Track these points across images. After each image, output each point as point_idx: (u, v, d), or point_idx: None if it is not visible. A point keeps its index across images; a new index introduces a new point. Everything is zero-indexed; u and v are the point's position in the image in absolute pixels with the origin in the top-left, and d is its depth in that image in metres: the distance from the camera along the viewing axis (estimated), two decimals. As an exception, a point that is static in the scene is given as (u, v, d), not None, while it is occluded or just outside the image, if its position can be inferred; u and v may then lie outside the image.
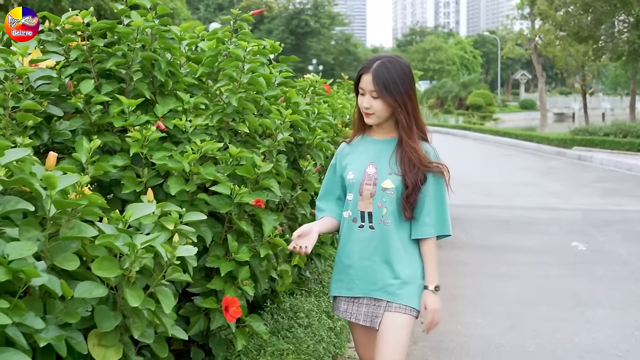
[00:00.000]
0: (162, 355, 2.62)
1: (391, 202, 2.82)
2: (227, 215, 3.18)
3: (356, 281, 2.88)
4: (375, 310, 2.86)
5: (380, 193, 2.82)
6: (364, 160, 2.90)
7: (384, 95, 2.75)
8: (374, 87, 2.76)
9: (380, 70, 2.76)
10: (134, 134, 3.03)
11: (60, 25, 3.54)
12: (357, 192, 2.87)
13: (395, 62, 2.81)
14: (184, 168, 3.03)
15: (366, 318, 2.88)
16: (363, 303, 2.89)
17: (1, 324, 1.91)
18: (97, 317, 2.34)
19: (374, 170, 2.86)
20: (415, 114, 2.83)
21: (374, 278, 2.84)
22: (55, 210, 2.30)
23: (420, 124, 2.89)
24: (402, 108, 2.79)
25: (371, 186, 2.84)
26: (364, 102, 2.81)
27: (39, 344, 2.10)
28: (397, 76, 2.77)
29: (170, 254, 2.45)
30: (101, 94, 3.27)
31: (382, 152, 2.89)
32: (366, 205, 2.85)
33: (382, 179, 2.83)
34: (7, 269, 1.98)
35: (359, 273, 2.87)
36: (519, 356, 4.84)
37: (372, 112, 2.82)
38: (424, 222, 2.84)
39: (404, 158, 2.82)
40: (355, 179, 2.87)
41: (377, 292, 2.84)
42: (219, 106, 3.43)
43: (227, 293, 3.02)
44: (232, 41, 3.60)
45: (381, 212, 2.82)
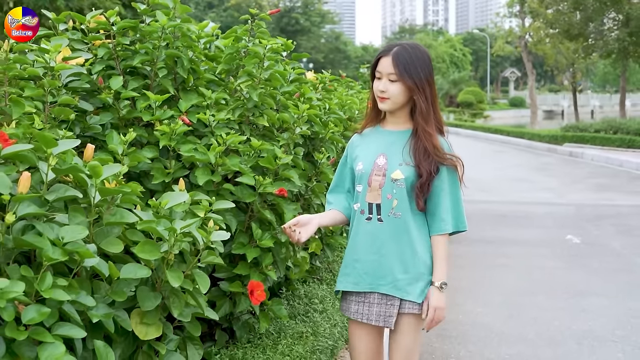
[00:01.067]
0: (195, 334, 2.79)
1: (401, 194, 2.70)
2: (251, 204, 3.34)
3: (363, 275, 2.76)
4: (388, 310, 2.73)
5: (390, 184, 2.70)
6: (374, 151, 2.79)
7: (404, 78, 2.64)
8: (393, 69, 2.65)
9: (400, 52, 2.67)
10: (163, 127, 3.20)
11: (85, 24, 3.69)
12: (365, 183, 2.76)
13: (416, 48, 2.72)
14: (210, 160, 3.20)
15: (378, 318, 2.74)
16: (374, 302, 2.75)
17: (60, 299, 2.08)
18: (140, 297, 2.50)
19: (384, 161, 2.74)
20: (433, 102, 2.73)
21: (382, 272, 2.72)
22: (99, 198, 2.46)
23: (438, 114, 2.79)
24: (421, 92, 2.68)
25: (380, 177, 2.73)
26: (380, 86, 2.70)
27: (92, 320, 2.27)
28: (417, 61, 2.67)
29: (205, 238, 2.62)
30: (127, 89, 3.43)
31: (394, 143, 2.78)
32: (374, 196, 2.73)
33: (392, 170, 2.71)
34: (63, 250, 2.14)
35: (366, 267, 2.75)
36: (519, 342, 5.03)
37: (388, 97, 2.69)
38: (441, 217, 2.73)
39: (419, 146, 2.70)
40: (365, 170, 2.77)
41: (386, 287, 2.72)
42: (240, 101, 3.59)
43: (252, 278, 3.19)
44: (250, 39, 3.76)
45: (391, 204, 2.71)
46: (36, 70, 2.92)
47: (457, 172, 2.77)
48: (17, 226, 2.16)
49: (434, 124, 2.75)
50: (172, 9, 3.67)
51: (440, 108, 2.91)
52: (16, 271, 2.11)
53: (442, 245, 2.76)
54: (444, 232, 2.75)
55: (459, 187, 2.80)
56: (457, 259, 7.52)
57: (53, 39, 3.31)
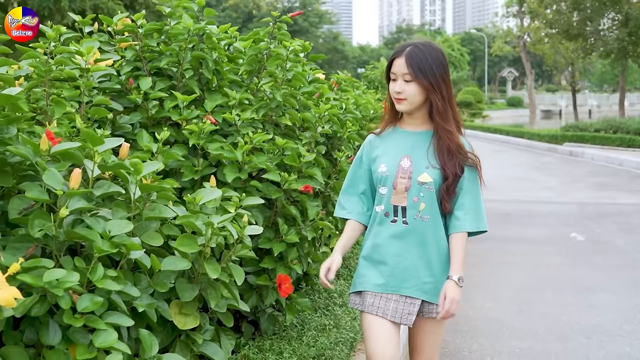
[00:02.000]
0: (228, 324, 2.91)
1: (430, 197, 2.69)
2: (276, 200, 3.45)
3: (387, 278, 2.73)
4: (408, 308, 2.72)
5: (417, 187, 2.68)
6: (397, 153, 2.75)
7: (418, 77, 2.62)
8: (407, 69, 2.63)
9: (413, 52, 2.65)
10: (192, 126, 3.31)
11: (112, 27, 3.80)
12: (390, 186, 2.72)
13: (429, 47, 2.70)
14: (237, 158, 3.31)
15: (395, 314, 2.71)
16: (392, 299, 2.72)
17: (110, 289, 2.20)
18: (179, 289, 2.62)
19: (409, 163, 2.71)
20: (450, 100, 2.72)
21: (407, 275, 2.71)
22: (139, 194, 2.58)
23: (456, 112, 2.77)
24: (436, 91, 2.65)
25: (406, 180, 2.70)
26: (396, 87, 2.68)
27: (138, 309, 2.38)
28: (431, 59, 2.65)
29: (239, 233, 2.73)
30: (155, 90, 3.54)
31: (418, 145, 2.75)
32: (400, 199, 2.71)
33: (419, 173, 2.69)
34: (111, 242, 2.26)
35: (391, 270, 2.73)
36: (529, 337, 5.15)
37: (404, 98, 2.67)
38: (461, 216, 2.72)
39: (442, 147, 2.69)
40: (389, 172, 2.73)
41: (410, 290, 2.71)
42: (263, 101, 3.71)
43: (278, 271, 3.30)
44: (272, 41, 3.87)
45: (418, 207, 2.69)
46: (73, 72, 3.03)
47: (477, 171, 2.78)
48: (67, 220, 2.26)
49: (453, 123, 2.73)
50: (196, 12, 3.77)
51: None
52: (69, 262, 2.23)
53: (460, 243, 2.73)
54: (462, 231, 2.72)
55: (480, 187, 2.80)
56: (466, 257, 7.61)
57: (84, 41, 3.41)
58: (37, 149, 2.31)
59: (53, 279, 2.01)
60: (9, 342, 2.08)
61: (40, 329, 2.12)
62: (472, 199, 2.75)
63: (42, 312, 2.06)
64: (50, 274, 2.01)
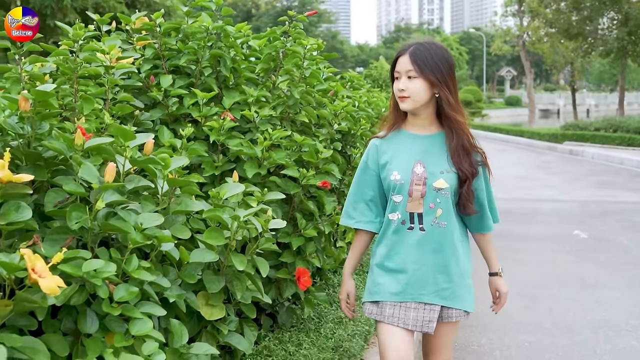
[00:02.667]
0: (251, 316, 2.97)
1: (446, 203, 2.66)
2: (294, 196, 3.53)
3: (405, 286, 2.69)
4: (428, 315, 2.69)
5: (433, 194, 2.64)
6: (408, 159, 2.69)
7: (424, 73, 2.59)
8: (411, 66, 2.60)
9: (417, 49, 2.62)
10: (212, 123, 3.38)
11: (130, 25, 3.87)
12: (406, 194, 2.66)
13: (433, 45, 2.67)
14: (257, 154, 3.38)
15: (416, 323, 2.69)
16: (411, 307, 2.69)
17: (145, 280, 2.27)
18: (206, 280, 2.69)
19: (422, 169, 2.66)
20: (457, 98, 2.69)
21: (425, 282, 2.68)
22: (167, 188, 2.65)
23: (462, 108, 2.73)
24: (443, 86, 2.62)
25: (421, 186, 2.64)
26: (400, 85, 2.63)
27: (169, 299, 2.45)
28: (436, 56, 2.62)
29: (263, 226, 2.80)
30: (174, 87, 3.61)
31: (429, 149, 2.70)
32: (415, 206, 2.66)
33: (434, 179, 2.64)
34: (144, 234, 2.33)
35: (408, 278, 2.69)
36: (537, 331, 5.22)
37: (408, 95, 2.62)
38: (486, 216, 2.78)
39: (457, 145, 2.67)
40: (403, 180, 2.66)
41: (429, 297, 2.68)
42: (280, 99, 3.78)
43: (297, 265, 3.37)
44: (288, 40, 3.93)
45: (435, 214, 2.65)
46: (98, 69, 3.10)
47: (486, 166, 2.78)
48: (100, 213, 2.33)
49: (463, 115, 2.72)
50: (214, 11, 3.84)
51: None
52: (104, 253, 2.30)
53: (490, 242, 2.92)
54: (490, 231, 2.86)
55: (490, 185, 2.83)
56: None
57: (106, 40, 3.48)
58: (71, 144, 2.38)
59: (91, 269, 2.08)
60: (49, 330, 2.15)
61: (79, 318, 2.19)
62: (488, 196, 2.81)
63: (80, 301, 2.12)
64: (88, 265, 2.08)
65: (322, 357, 3.34)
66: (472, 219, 2.80)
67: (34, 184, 2.44)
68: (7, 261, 1.83)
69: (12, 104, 2.47)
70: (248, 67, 4.05)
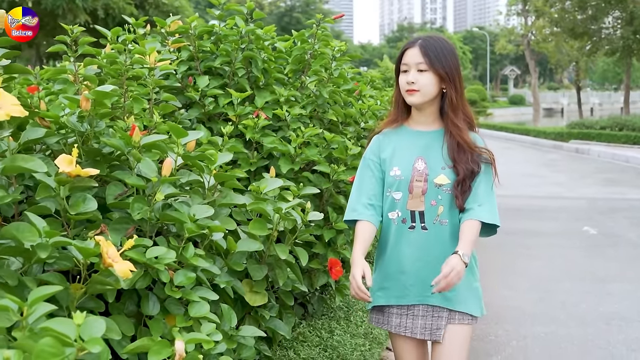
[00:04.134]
0: (289, 303, 3.16)
1: (447, 199, 2.57)
2: (325, 190, 3.71)
3: (410, 288, 2.61)
4: (435, 322, 2.61)
5: (434, 190, 2.56)
6: (410, 155, 2.63)
7: (435, 66, 2.52)
8: (422, 58, 2.53)
9: (428, 42, 2.56)
10: (247, 122, 3.56)
11: (165, 28, 4.05)
12: (406, 190, 2.59)
13: (441, 39, 2.61)
14: (290, 151, 3.56)
15: (424, 331, 2.61)
16: (419, 314, 2.62)
17: (201, 267, 2.45)
18: (250, 269, 2.87)
19: (424, 165, 2.59)
20: (462, 96, 2.63)
21: (430, 284, 2.47)
22: (213, 182, 2.83)
23: (467, 108, 2.66)
24: (451, 83, 2.56)
25: (422, 183, 2.57)
26: (409, 77, 2.55)
27: (220, 286, 2.63)
28: (446, 50, 2.56)
29: (303, 218, 2.98)
30: (210, 88, 3.79)
31: (431, 145, 2.63)
32: (417, 204, 2.58)
33: (435, 175, 2.57)
34: (197, 225, 2.50)
35: (413, 279, 2.60)
36: (551, 323, 5.40)
37: (417, 89, 2.54)
38: (475, 206, 2.55)
39: (453, 144, 2.58)
40: (404, 176, 2.60)
41: (435, 299, 2.59)
42: (310, 98, 3.96)
43: (329, 256, 3.55)
44: (315, 42, 4.11)
45: (436, 211, 2.57)
46: (143, 71, 3.28)
47: (492, 167, 2.64)
48: (157, 204, 2.51)
49: (463, 118, 2.61)
50: (246, 15, 4.02)
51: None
52: (163, 242, 2.48)
53: (472, 228, 2.53)
54: (477, 219, 2.53)
55: (493, 182, 2.65)
56: (482, 249, 7.87)
57: (146, 42, 3.66)
58: (128, 140, 2.56)
59: (153, 255, 2.26)
60: (114, 312, 2.33)
61: (142, 301, 2.37)
62: (486, 192, 2.59)
63: (145, 285, 2.30)
64: (151, 252, 2.26)
65: (354, 342, 3.52)
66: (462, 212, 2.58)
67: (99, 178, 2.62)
68: (84, 247, 2.00)
69: (71, 104, 2.65)
70: (276, 67, 4.23)
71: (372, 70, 22.15)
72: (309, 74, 4.01)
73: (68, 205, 2.24)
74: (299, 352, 3.28)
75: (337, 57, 4.00)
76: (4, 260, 2.05)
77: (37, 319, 1.64)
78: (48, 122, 2.60)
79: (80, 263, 2.08)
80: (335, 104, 4.06)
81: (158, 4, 21.68)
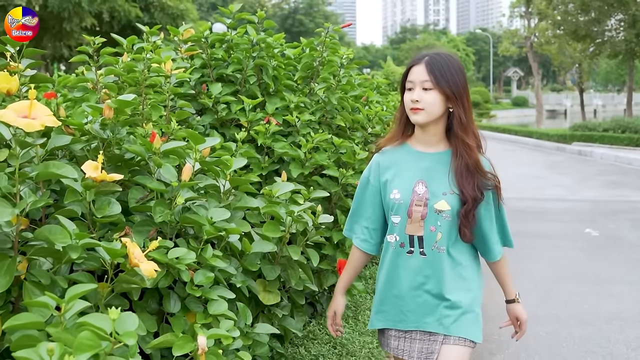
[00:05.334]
0: (300, 302, 3.29)
1: (447, 226, 2.49)
2: (333, 194, 3.84)
3: (407, 313, 2.57)
4: (430, 346, 2.55)
5: (434, 216, 2.48)
6: (410, 177, 2.54)
7: (440, 84, 2.43)
8: (427, 76, 2.44)
9: (434, 59, 2.48)
10: (259, 127, 3.70)
11: (178, 37, 4.19)
12: (405, 214, 2.52)
13: (448, 56, 2.53)
14: (300, 156, 3.69)
15: (420, 355, 2.56)
16: (416, 338, 2.57)
17: (219, 267, 2.58)
18: (264, 269, 3.00)
19: (424, 189, 2.51)
20: (470, 115, 2.54)
21: (428, 310, 2.53)
22: (229, 186, 2.97)
23: (475, 129, 2.57)
24: (458, 101, 2.47)
25: (421, 207, 2.49)
26: (414, 95, 2.46)
27: (236, 285, 2.76)
28: (452, 68, 2.48)
29: (314, 220, 3.11)
30: (222, 95, 3.93)
31: (433, 168, 2.54)
32: (415, 228, 2.51)
33: (435, 200, 2.49)
34: (214, 227, 2.63)
35: (410, 305, 2.55)
36: (553, 322, 5.52)
37: (422, 107, 2.45)
38: (493, 246, 2.63)
39: (461, 166, 2.50)
40: (403, 200, 2.52)
41: (432, 325, 2.53)
42: (319, 104, 4.09)
43: (337, 257, 3.68)
44: (324, 49, 4.25)
45: (435, 238, 2.49)
46: (159, 79, 3.41)
47: (497, 192, 2.58)
48: (177, 208, 2.65)
49: (473, 138, 2.53)
50: (257, 23, 4.16)
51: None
52: (183, 243, 2.61)
53: (503, 268, 2.74)
54: (499, 259, 2.67)
55: (503, 208, 2.63)
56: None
57: (162, 51, 3.79)
58: (149, 147, 2.70)
59: (175, 256, 2.39)
60: (138, 310, 2.46)
61: (164, 300, 2.50)
62: (497, 221, 2.62)
63: (167, 283, 2.44)
64: (173, 253, 2.39)
65: (362, 340, 3.66)
66: (478, 246, 2.64)
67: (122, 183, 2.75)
68: (112, 248, 2.13)
69: (94, 112, 2.78)
70: (285, 74, 4.36)
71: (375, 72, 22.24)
72: (317, 80, 4.14)
73: (94, 209, 2.37)
74: (309, 349, 3.41)
75: (345, 65, 4.12)
76: (36, 260, 2.19)
77: (72, 315, 1.78)
78: (72, 129, 2.74)
79: (107, 263, 2.21)
80: (343, 109, 4.19)
81: (163, 7, 21.79)
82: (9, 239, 2.13)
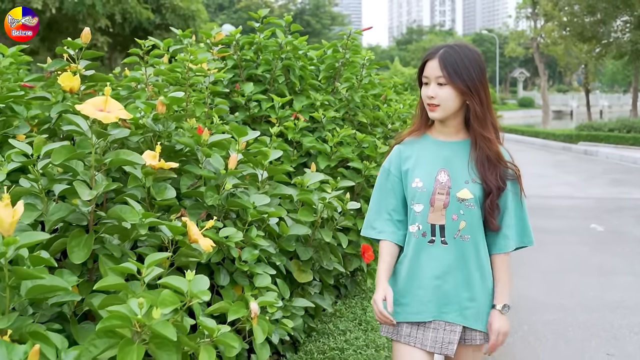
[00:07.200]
0: (329, 281, 3.60)
1: (470, 215, 2.46)
2: (358, 184, 4.15)
3: (427, 304, 2.49)
4: (448, 336, 2.48)
5: (456, 204, 2.45)
6: (433, 166, 2.51)
7: (453, 80, 2.40)
8: (440, 72, 2.41)
9: (448, 53, 2.43)
10: (288, 123, 4.01)
11: (210, 39, 4.50)
12: (427, 203, 2.48)
13: (464, 48, 2.47)
14: (327, 150, 4.01)
15: (434, 344, 2.48)
16: (430, 327, 2.50)
17: (262, 245, 2.89)
18: (299, 250, 3.32)
19: (447, 177, 2.48)
20: (489, 107, 2.47)
21: (447, 299, 2.47)
22: (267, 175, 3.28)
23: (495, 119, 2.52)
24: (474, 95, 2.42)
25: (444, 196, 2.46)
26: (429, 92, 2.44)
27: (276, 263, 3.08)
28: (467, 61, 2.43)
29: (343, 207, 3.43)
30: (253, 93, 4.24)
31: (455, 156, 2.52)
32: (438, 217, 2.47)
33: (458, 188, 2.46)
34: (257, 210, 2.95)
35: (430, 294, 2.49)
36: (560, 310, 5.83)
37: (438, 104, 2.43)
38: (504, 235, 2.51)
39: (482, 157, 2.47)
40: (426, 188, 2.48)
41: (451, 316, 2.47)
42: (342, 102, 4.41)
43: (361, 242, 3.99)
44: (346, 51, 4.57)
45: (457, 226, 2.46)
46: (199, 78, 3.73)
47: (519, 183, 2.56)
48: (224, 193, 2.96)
49: (492, 130, 2.50)
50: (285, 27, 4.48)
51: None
52: (229, 224, 2.92)
53: (504, 265, 2.54)
54: (505, 251, 2.52)
55: (523, 199, 2.59)
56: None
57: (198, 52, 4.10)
58: (198, 139, 3.01)
59: (224, 235, 2.70)
60: (192, 283, 2.78)
61: (215, 274, 2.82)
62: (517, 214, 2.54)
63: (218, 259, 2.76)
64: (223, 232, 2.71)
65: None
66: (488, 237, 2.55)
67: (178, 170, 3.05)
68: (174, 226, 2.44)
69: (147, 108, 3.09)
70: (309, 74, 4.68)
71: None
72: (341, 80, 4.46)
73: (154, 193, 2.69)
74: (337, 325, 3.72)
75: (368, 65, 4.44)
76: (106, 237, 2.50)
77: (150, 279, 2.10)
78: (128, 123, 3.05)
79: (167, 240, 2.52)
80: (365, 107, 4.50)
81: (175, 8, 22.12)
82: (84, 217, 2.44)
